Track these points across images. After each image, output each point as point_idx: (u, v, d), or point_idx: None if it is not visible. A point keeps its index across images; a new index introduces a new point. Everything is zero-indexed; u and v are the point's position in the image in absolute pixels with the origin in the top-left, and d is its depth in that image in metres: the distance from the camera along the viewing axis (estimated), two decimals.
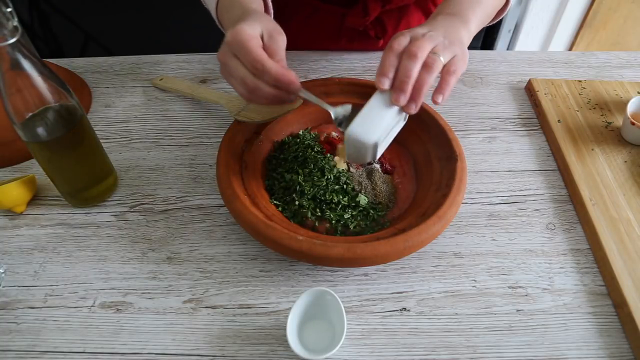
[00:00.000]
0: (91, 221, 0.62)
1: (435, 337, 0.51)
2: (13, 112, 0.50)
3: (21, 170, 0.68)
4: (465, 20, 0.56)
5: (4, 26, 0.44)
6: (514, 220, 0.62)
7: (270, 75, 0.49)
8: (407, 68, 0.48)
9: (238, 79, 0.50)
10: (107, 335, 0.51)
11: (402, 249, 0.51)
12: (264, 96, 0.51)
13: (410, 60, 0.48)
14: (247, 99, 0.53)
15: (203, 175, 0.67)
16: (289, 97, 0.52)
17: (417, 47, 0.48)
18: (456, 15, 0.56)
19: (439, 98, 0.50)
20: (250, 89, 0.50)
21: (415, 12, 0.87)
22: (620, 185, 0.63)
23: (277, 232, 0.52)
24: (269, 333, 0.51)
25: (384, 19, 0.84)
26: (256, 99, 0.52)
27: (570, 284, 0.55)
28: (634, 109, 0.69)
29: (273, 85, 0.50)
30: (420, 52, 0.48)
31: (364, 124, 0.50)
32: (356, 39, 0.87)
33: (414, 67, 0.48)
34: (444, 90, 0.50)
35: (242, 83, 0.50)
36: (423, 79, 0.48)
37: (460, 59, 0.51)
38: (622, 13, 1.69)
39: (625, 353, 0.50)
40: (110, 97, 0.80)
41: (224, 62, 0.51)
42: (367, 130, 0.50)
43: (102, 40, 1.81)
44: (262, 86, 0.50)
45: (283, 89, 0.51)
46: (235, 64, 0.50)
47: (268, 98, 0.51)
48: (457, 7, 0.57)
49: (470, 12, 0.57)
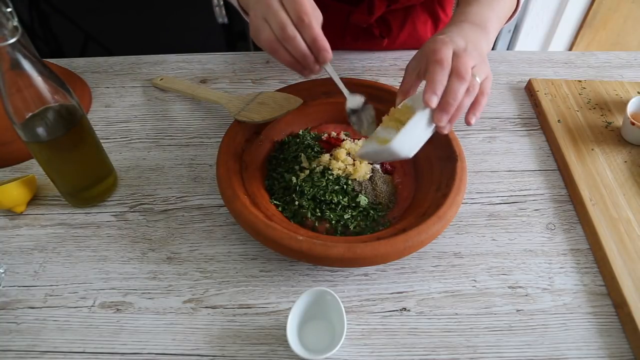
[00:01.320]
0: (91, 221, 0.62)
1: (435, 337, 0.51)
2: (13, 112, 0.50)
3: (21, 170, 0.68)
4: (487, 31, 0.57)
5: (4, 26, 0.44)
6: (514, 220, 0.62)
7: (311, 33, 0.48)
8: (455, 90, 0.47)
9: (277, 23, 0.48)
10: (107, 335, 0.51)
11: (402, 249, 0.51)
12: (296, 49, 0.49)
13: (459, 83, 0.48)
14: (273, 49, 0.50)
15: (203, 175, 0.67)
16: (313, 66, 0.51)
17: (465, 69, 0.48)
18: (480, 26, 0.56)
19: (473, 119, 0.50)
20: (285, 37, 0.49)
21: (421, 13, 0.87)
22: (620, 185, 0.63)
23: (277, 232, 0.52)
24: (269, 333, 0.51)
25: (389, 18, 0.85)
26: (282, 53, 0.50)
27: (570, 284, 0.55)
28: (634, 109, 0.69)
29: (308, 44, 0.49)
30: (467, 74, 0.48)
31: (407, 140, 0.50)
32: (361, 37, 0.87)
33: (461, 90, 0.48)
34: (477, 112, 0.50)
35: (280, 27, 0.48)
36: (464, 103, 0.49)
37: (489, 79, 0.52)
38: (622, 13, 1.69)
39: (625, 353, 0.50)
40: (110, 97, 0.80)
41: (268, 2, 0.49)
42: (409, 147, 0.50)
43: (102, 40, 1.81)
44: (298, 39, 0.49)
45: (314, 53, 0.50)
46: (279, 7, 0.48)
47: (297, 54, 0.50)
48: (479, 16, 0.57)
49: (491, 24, 0.58)
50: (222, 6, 1.49)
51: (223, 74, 0.84)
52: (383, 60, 0.87)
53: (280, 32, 0.48)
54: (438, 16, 0.89)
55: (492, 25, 0.58)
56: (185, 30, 1.69)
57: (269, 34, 0.49)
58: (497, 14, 0.60)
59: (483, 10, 0.59)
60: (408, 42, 0.89)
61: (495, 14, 0.59)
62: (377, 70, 0.85)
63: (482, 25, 0.56)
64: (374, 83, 0.71)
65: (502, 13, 0.61)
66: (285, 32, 0.48)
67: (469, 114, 0.50)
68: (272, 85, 0.82)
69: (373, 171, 0.63)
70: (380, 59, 0.87)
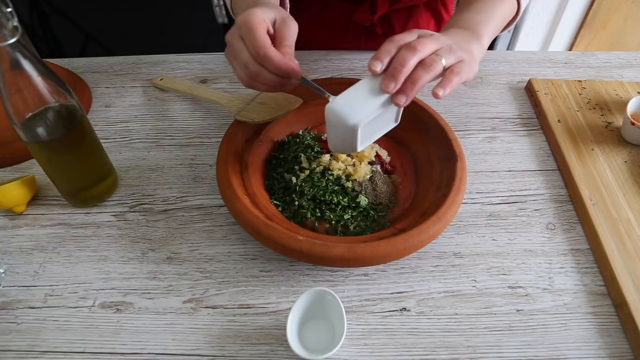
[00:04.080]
0: (91, 221, 0.62)
1: (435, 337, 0.51)
2: (13, 112, 0.50)
3: (21, 170, 0.68)
4: (478, 34, 0.56)
5: (4, 26, 0.44)
6: (514, 220, 0.62)
7: (272, 63, 0.49)
8: (402, 57, 0.47)
9: (241, 62, 0.51)
10: (107, 335, 0.51)
11: (402, 249, 0.51)
12: (264, 82, 0.51)
13: (408, 52, 0.47)
14: (246, 84, 0.52)
15: (203, 175, 0.67)
16: (289, 83, 0.53)
17: (419, 43, 0.47)
18: (469, 29, 0.56)
19: (440, 91, 0.48)
20: (251, 74, 0.50)
21: (424, 13, 0.87)
22: (620, 185, 0.63)
23: (277, 232, 0.52)
24: (269, 333, 0.51)
25: (392, 17, 0.85)
26: (256, 85, 0.52)
27: (570, 284, 0.55)
28: (634, 109, 0.69)
29: (274, 72, 0.50)
30: (420, 47, 0.47)
31: (346, 102, 0.48)
32: (363, 36, 0.87)
33: (410, 58, 0.47)
34: (445, 86, 0.48)
35: (244, 67, 0.50)
36: (418, 75, 0.47)
37: (466, 64, 0.50)
38: (622, 13, 1.69)
39: (625, 353, 0.50)
40: (110, 97, 0.80)
41: (230, 42, 0.51)
42: (349, 111, 0.48)
43: (102, 40, 1.82)
44: (263, 72, 0.50)
45: (284, 77, 0.51)
46: (240, 47, 0.50)
47: (268, 84, 0.51)
48: (470, 21, 0.57)
49: (482, 27, 0.57)
50: (222, 6, 1.49)
51: (223, 74, 0.84)
52: None
53: (246, 70, 0.51)
54: (441, 16, 0.89)
55: (485, 29, 0.57)
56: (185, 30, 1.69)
57: (239, 73, 0.52)
58: (491, 18, 0.59)
59: (475, 15, 0.58)
60: None
61: (490, 18, 0.59)
62: None
63: (472, 29, 0.56)
64: None
65: (498, 18, 0.61)
66: (249, 70, 0.50)
67: (436, 87, 0.48)
68: None
69: (373, 171, 0.63)
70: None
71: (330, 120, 0.50)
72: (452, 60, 0.49)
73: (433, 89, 0.48)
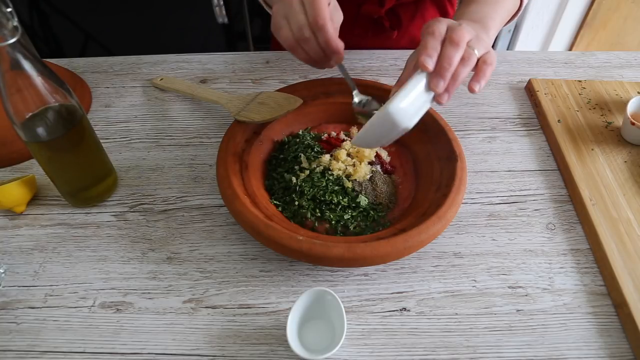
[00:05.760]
0: (91, 221, 0.62)
1: (435, 337, 0.51)
2: (13, 112, 0.50)
3: (21, 170, 0.68)
4: (487, 27, 0.57)
5: (4, 26, 0.44)
6: (514, 220, 0.62)
7: (325, 35, 0.50)
8: (449, 55, 0.47)
9: (294, 23, 0.51)
10: (107, 335, 0.51)
11: (402, 249, 0.51)
12: (308, 50, 0.52)
13: (453, 48, 0.47)
14: (290, 46, 0.53)
15: (203, 175, 0.67)
16: (327, 63, 0.54)
17: (459, 37, 0.48)
18: (477, 22, 0.56)
19: (476, 86, 0.49)
20: (301, 38, 0.51)
21: (430, 7, 0.89)
22: (620, 185, 0.63)
23: (277, 232, 0.52)
24: (269, 333, 0.51)
25: (399, 11, 0.86)
26: (298, 51, 0.53)
27: (570, 284, 0.55)
28: (634, 109, 0.69)
29: (321, 46, 0.51)
30: (462, 41, 0.48)
31: (411, 104, 0.47)
32: (371, 29, 0.88)
33: (454, 56, 0.47)
34: (480, 80, 0.49)
35: (297, 29, 0.51)
36: (459, 71, 0.48)
37: (492, 53, 0.51)
38: (622, 13, 1.69)
39: (625, 353, 0.50)
40: (110, 97, 0.80)
41: (289, 2, 0.51)
42: (411, 113, 0.47)
43: (102, 40, 1.82)
44: (312, 41, 0.51)
45: (327, 54, 0.52)
46: (299, 9, 0.51)
47: (309, 54, 0.53)
48: (479, 14, 0.58)
49: (490, 21, 0.58)
50: (222, 6, 1.49)
51: (223, 74, 0.84)
52: (383, 60, 0.87)
53: (298, 32, 0.51)
54: (446, 10, 0.91)
55: (492, 22, 0.58)
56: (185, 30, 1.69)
57: (287, 33, 0.52)
58: (497, 12, 0.60)
59: (482, 8, 0.59)
60: (417, 35, 0.91)
61: (496, 12, 0.59)
62: (377, 70, 0.85)
63: (481, 22, 0.57)
64: (374, 83, 0.71)
65: (503, 12, 0.61)
66: (301, 33, 0.51)
67: (472, 82, 0.49)
68: (272, 85, 0.82)
69: (373, 172, 0.63)
70: (380, 59, 0.87)
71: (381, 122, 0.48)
72: (483, 51, 0.50)
73: (469, 84, 0.49)
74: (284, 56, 0.88)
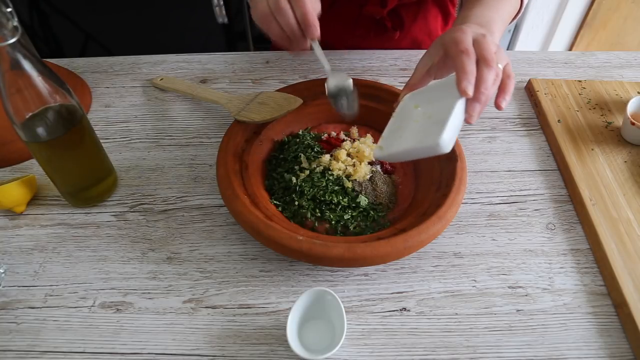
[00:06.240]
0: (91, 221, 0.62)
1: (435, 337, 0.51)
2: (13, 112, 0.50)
3: (21, 170, 0.68)
4: (492, 32, 0.56)
5: (4, 26, 0.44)
6: (514, 220, 0.62)
7: (302, 8, 0.50)
8: (486, 79, 0.47)
9: None
10: (107, 335, 0.51)
11: (402, 249, 0.51)
12: (286, 22, 0.52)
13: (488, 71, 0.47)
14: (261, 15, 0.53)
15: (203, 175, 0.67)
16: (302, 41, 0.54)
17: (490, 54, 0.48)
18: (484, 27, 0.56)
19: (503, 103, 0.49)
20: (278, 9, 0.51)
21: (432, 8, 0.89)
22: (620, 185, 0.63)
23: (277, 232, 0.52)
24: (269, 333, 0.51)
25: (401, 12, 0.86)
26: (272, 24, 0.53)
27: (570, 284, 0.55)
28: (634, 109, 0.69)
29: (297, 20, 0.52)
30: (493, 61, 0.47)
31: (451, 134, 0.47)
32: (372, 29, 0.88)
33: (490, 78, 0.47)
34: (507, 96, 0.49)
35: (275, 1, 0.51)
36: (492, 92, 0.48)
37: (510, 65, 0.51)
38: (622, 13, 1.69)
39: (625, 353, 0.50)
40: (110, 97, 0.80)
41: None
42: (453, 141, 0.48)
43: (102, 40, 1.81)
44: (288, 12, 0.51)
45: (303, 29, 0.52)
46: None
47: (287, 27, 0.53)
48: (484, 17, 0.58)
49: (494, 24, 0.57)
50: (222, 6, 1.49)
51: (223, 74, 0.84)
52: (383, 61, 0.87)
53: (274, 4, 0.51)
54: (449, 11, 0.91)
55: (497, 26, 0.58)
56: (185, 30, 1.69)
57: (264, 7, 0.53)
58: (500, 15, 0.60)
59: (486, 12, 0.59)
60: (419, 36, 0.90)
61: (499, 16, 0.59)
62: (377, 70, 0.85)
63: (487, 27, 0.56)
64: (374, 83, 0.71)
65: (505, 14, 0.61)
66: (278, 5, 0.51)
67: (499, 98, 0.49)
68: (272, 85, 0.82)
69: (373, 172, 0.63)
70: (380, 59, 0.87)
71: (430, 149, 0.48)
72: (504, 62, 0.50)
73: (496, 101, 0.49)
74: (284, 56, 0.88)
